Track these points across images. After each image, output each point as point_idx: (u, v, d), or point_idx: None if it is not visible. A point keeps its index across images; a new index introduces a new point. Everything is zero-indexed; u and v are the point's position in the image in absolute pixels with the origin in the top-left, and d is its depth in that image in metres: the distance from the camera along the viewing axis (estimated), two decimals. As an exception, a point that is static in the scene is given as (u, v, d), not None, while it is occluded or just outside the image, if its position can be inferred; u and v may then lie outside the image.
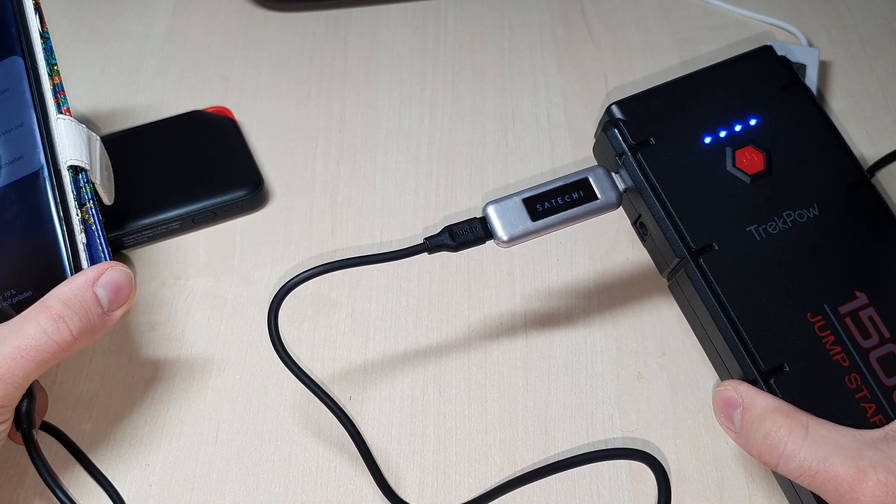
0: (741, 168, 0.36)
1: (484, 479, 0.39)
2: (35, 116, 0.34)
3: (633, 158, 0.36)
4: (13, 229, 0.33)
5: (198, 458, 0.39)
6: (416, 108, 0.54)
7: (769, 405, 0.32)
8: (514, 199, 0.36)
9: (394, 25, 0.58)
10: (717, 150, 0.37)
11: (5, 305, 0.33)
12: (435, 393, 0.42)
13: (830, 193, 0.36)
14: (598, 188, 0.36)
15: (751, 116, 0.38)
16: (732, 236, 0.35)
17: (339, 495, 0.38)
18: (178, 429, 0.40)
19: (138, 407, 0.41)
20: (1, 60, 0.35)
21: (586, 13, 0.59)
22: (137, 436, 0.40)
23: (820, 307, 0.34)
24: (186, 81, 0.55)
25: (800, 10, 0.59)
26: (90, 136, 0.36)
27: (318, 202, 0.49)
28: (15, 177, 0.33)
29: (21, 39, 0.35)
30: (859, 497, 0.30)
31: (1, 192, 0.33)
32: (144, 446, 0.39)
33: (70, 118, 0.35)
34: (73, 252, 0.33)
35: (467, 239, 0.36)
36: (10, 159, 0.34)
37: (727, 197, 0.36)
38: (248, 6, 0.59)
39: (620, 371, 0.42)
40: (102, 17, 0.59)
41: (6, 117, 0.34)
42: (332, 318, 0.44)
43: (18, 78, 0.34)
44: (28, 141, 0.34)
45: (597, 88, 0.55)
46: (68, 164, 0.34)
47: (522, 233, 0.35)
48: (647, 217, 0.36)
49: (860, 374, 0.34)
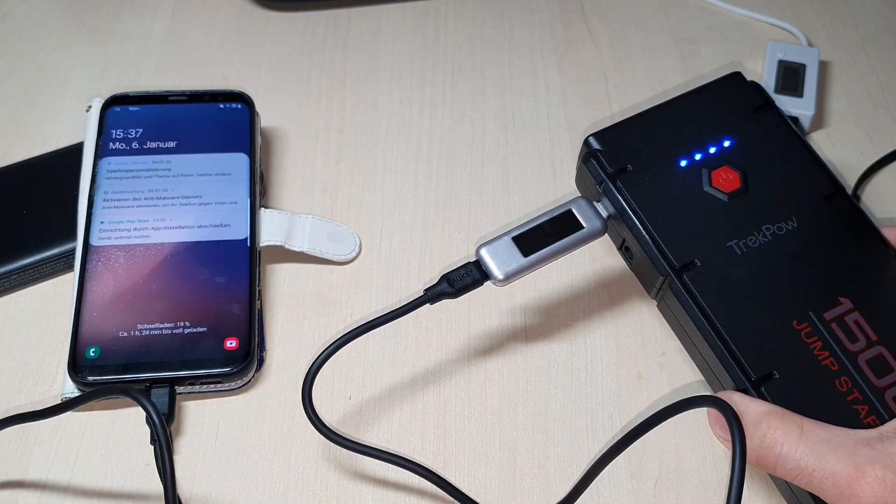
0: (718, 187, 0.38)
1: (484, 479, 0.39)
2: (249, 200, 0.44)
3: (612, 185, 0.38)
4: (204, 275, 0.42)
5: (198, 458, 0.39)
6: (416, 107, 0.54)
7: (763, 410, 0.33)
8: (504, 239, 0.37)
9: (394, 25, 0.58)
10: (693, 171, 0.38)
11: (175, 333, 0.40)
12: (435, 393, 0.42)
13: (808, 206, 0.37)
14: (583, 218, 0.38)
15: (724, 138, 0.39)
16: (714, 252, 0.36)
17: (339, 495, 0.38)
18: (178, 428, 0.40)
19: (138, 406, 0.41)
20: (231, 153, 0.46)
21: (586, 13, 0.59)
22: (137, 436, 0.40)
23: (805, 314, 0.35)
24: (186, 81, 0.55)
25: (800, 10, 0.59)
26: (291, 219, 0.45)
27: (318, 202, 0.49)
28: (219, 237, 0.43)
29: (251, 142, 0.47)
30: (858, 493, 0.30)
31: (204, 245, 0.43)
32: (144, 446, 0.39)
33: (272, 209, 0.45)
34: (251, 314, 0.41)
35: (465, 283, 0.37)
36: (217, 223, 0.43)
37: (706, 215, 0.37)
38: (248, 6, 0.59)
39: (620, 371, 0.42)
40: (102, 17, 0.59)
41: (223, 193, 0.44)
42: (332, 317, 0.44)
43: (242, 168, 0.45)
44: (238, 215, 0.44)
45: (597, 88, 0.55)
46: (264, 244, 0.44)
47: (517, 269, 0.37)
48: (631, 240, 0.37)
49: (850, 376, 0.34)
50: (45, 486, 0.38)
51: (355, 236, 0.46)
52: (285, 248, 0.44)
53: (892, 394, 0.34)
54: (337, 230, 0.46)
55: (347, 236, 0.46)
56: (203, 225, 0.43)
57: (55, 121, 0.52)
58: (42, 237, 0.44)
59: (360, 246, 0.46)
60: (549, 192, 0.49)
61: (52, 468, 0.39)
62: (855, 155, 0.51)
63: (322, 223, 0.46)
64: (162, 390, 0.39)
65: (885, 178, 0.50)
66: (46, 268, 0.44)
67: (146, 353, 0.39)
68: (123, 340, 0.40)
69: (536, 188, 0.49)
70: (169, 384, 0.39)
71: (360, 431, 0.40)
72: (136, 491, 0.38)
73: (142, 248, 0.42)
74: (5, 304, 0.44)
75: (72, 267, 0.44)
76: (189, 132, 0.47)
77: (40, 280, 0.45)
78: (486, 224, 0.48)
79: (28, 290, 0.45)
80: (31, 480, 0.39)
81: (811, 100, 0.51)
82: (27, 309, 0.44)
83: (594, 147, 0.39)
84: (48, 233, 0.44)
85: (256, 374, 0.42)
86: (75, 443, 0.40)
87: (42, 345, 0.43)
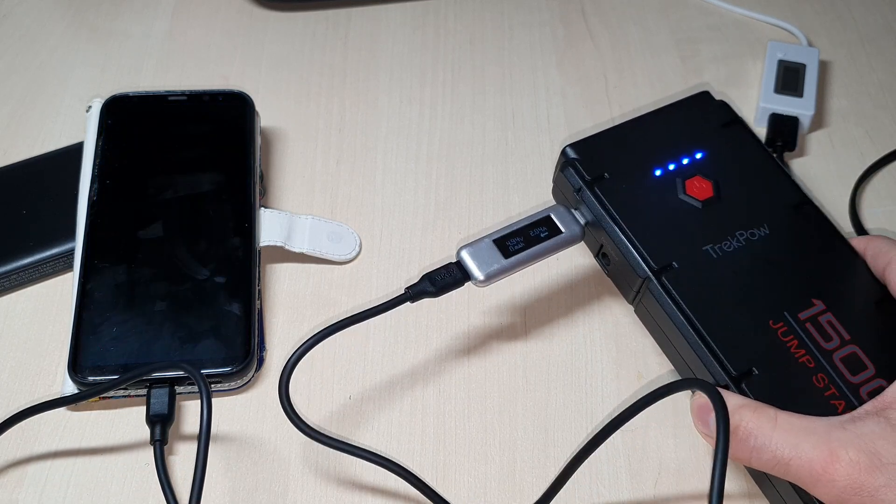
0: (692, 195, 0.39)
1: (484, 479, 0.39)
2: (249, 200, 0.44)
3: (590, 192, 0.39)
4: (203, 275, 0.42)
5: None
6: (416, 107, 0.54)
7: (737, 403, 0.33)
8: (485, 241, 0.38)
9: (394, 25, 0.59)
10: (667, 181, 0.40)
11: (175, 333, 0.40)
12: (435, 393, 0.42)
13: (778, 214, 0.39)
14: (561, 223, 0.39)
15: (696, 151, 0.41)
16: (690, 255, 0.38)
17: (339, 495, 0.38)
18: (178, 429, 0.40)
19: (138, 406, 0.41)
20: (230, 153, 0.46)
21: (586, 13, 0.59)
22: (137, 435, 0.40)
23: (780, 314, 0.36)
24: (186, 81, 0.55)
25: (800, 10, 0.59)
26: (292, 220, 0.45)
27: (318, 202, 0.49)
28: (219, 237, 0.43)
29: (251, 142, 0.47)
30: (833, 477, 0.30)
31: (204, 245, 0.43)
32: (144, 446, 0.39)
33: (272, 210, 0.45)
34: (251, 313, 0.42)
35: (446, 283, 0.38)
36: (218, 223, 0.44)
37: (681, 221, 0.39)
38: (248, 6, 0.59)
39: (620, 371, 0.42)
40: (102, 17, 0.59)
41: (223, 193, 0.45)
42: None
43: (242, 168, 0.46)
44: (238, 215, 0.44)
45: (597, 88, 0.55)
46: (263, 244, 0.44)
47: (497, 271, 0.38)
48: (608, 244, 0.39)
49: (826, 373, 0.35)
50: (45, 485, 0.38)
51: (355, 236, 0.46)
52: (285, 249, 0.44)
53: (867, 389, 0.35)
54: (337, 230, 0.46)
55: (347, 236, 0.46)
56: (203, 224, 0.43)
57: (55, 120, 0.52)
58: (42, 237, 0.44)
59: (360, 245, 0.46)
60: (549, 192, 0.49)
61: (52, 468, 0.39)
62: (855, 155, 0.51)
63: (322, 223, 0.46)
64: (162, 390, 0.39)
65: (885, 178, 0.50)
66: (46, 268, 0.44)
67: (146, 353, 0.39)
68: (123, 340, 0.40)
69: (536, 188, 0.49)
70: (169, 384, 0.39)
71: (360, 431, 0.40)
72: (137, 491, 0.38)
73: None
74: (5, 304, 0.44)
75: (72, 267, 0.44)
76: (188, 132, 0.47)
77: (40, 280, 0.45)
78: (486, 224, 0.48)
79: (28, 290, 0.45)
80: (31, 480, 0.39)
81: (811, 100, 0.51)
82: (27, 309, 0.44)
83: (571, 156, 0.40)
84: (48, 233, 0.44)
85: (256, 375, 0.42)
86: (75, 443, 0.40)
87: (42, 345, 0.43)
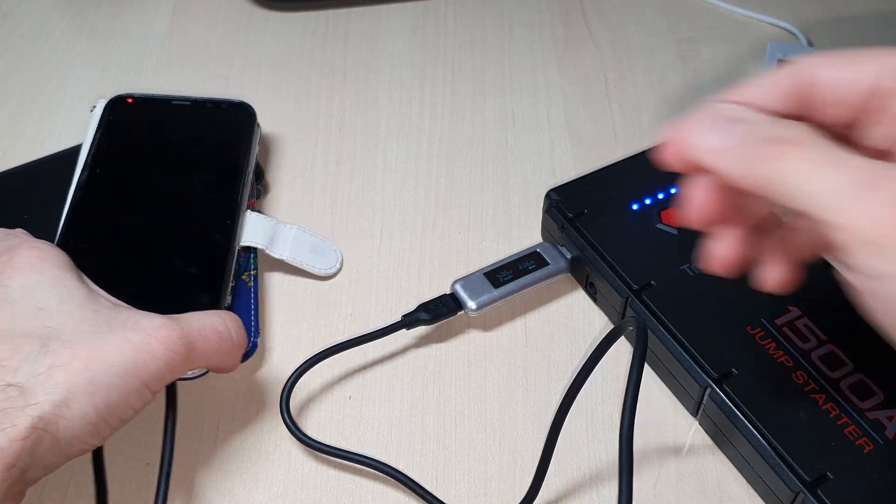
0: (668, 223, 0.43)
1: (484, 480, 0.39)
2: (237, 200, 0.44)
3: (571, 227, 0.43)
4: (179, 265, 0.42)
5: (198, 458, 0.39)
6: (416, 107, 0.54)
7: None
8: (477, 274, 0.42)
9: (394, 25, 0.59)
10: (644, 213, 0.43)
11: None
12: (435, 393, 0.42)
13: None
14: (548, 257, 0.43)
15: (671, 187, 0.44)
16: (668, 274, 0.41)
17: (339, 495, 0.38)
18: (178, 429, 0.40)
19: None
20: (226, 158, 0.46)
21: (586, 13, 0.59)
22: (137, 435, 0.40)
23: (758, 321, 0.39)
24: (186, 81, 0.55)
25: (800, 10, 0.59)
26: (276, 227, 0.45)
27: (318, 202, 0.49)
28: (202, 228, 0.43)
29: (248, 150, 0.46)
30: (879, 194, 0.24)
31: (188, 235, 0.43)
32: (144, 446, 0.39)
33: (258, 214, 0.45)
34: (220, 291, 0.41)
35: (440, 312, 0.41)
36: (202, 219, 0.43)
37: (658, 246, 0.42)
38: (248, 6, 0.59)
39: (620, 371, 0.42)
40: (102, 17, 0.59)
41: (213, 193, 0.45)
42: (331, 317, 0.44)
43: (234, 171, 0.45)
44: (223, 213, 0.44)
45: (597, 88, 0.55)
46: (244, 243, 0.44)
47: (488, 300, 0.42)
48: (592, 272, 0.42)
49: (805, 370, 0.37)
50: (45, 485, 0.38)
51: (338, 253, 0.46)
52: (266, 253, 0.44)
53: (846, 383, 0.36)
54: (320, 244, 0.46)
55: (330, 252, 0.46)
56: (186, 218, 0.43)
57: (55, 120, 0.52)
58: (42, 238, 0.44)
59: (341, 263, 0.46)
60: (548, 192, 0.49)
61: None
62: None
63: (307, 236, 0.46)
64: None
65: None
66: None
67: None
68: None
69: (536, 188, 0.49)
70: None
71: (360, 431, 0.40)
72: (137, 491, 0.38)
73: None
74: (5, 304, 0.44)
75: None
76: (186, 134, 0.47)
77: (40, 280, 0.45)
78: (487, 224, 0.48)
79: (28, 289, 0.45)
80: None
81: (811, 100, 0.51)
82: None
83: (555, 199, 0.44)
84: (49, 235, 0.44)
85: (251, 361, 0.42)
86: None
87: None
